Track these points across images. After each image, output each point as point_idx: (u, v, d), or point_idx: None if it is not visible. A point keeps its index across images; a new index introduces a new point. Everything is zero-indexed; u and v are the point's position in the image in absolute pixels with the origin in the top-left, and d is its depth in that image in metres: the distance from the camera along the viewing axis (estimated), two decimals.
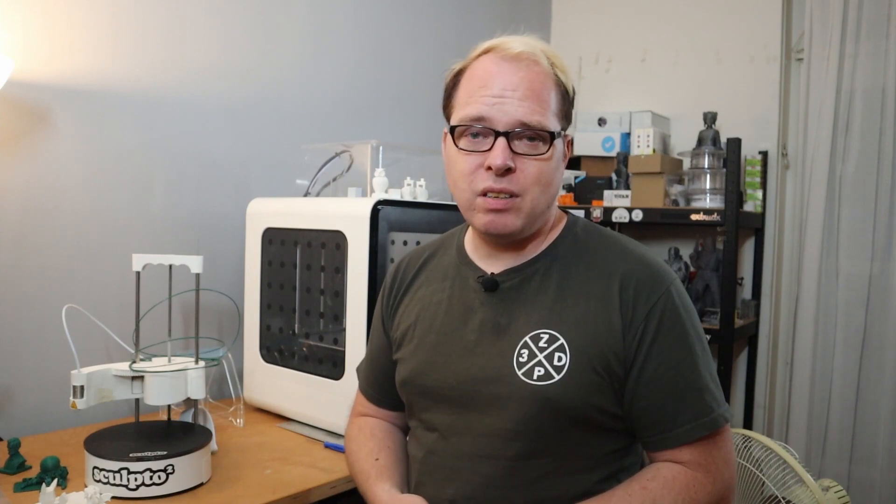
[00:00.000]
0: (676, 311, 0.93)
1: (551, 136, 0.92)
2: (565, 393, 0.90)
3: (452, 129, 0.95)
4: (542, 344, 0.93)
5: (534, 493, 0.92)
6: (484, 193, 0.92)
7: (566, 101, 0.98)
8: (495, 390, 0.94)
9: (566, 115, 0.98)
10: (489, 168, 0.91)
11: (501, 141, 0.91)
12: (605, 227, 1.07)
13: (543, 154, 0.92)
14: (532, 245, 1.00)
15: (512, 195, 0.92)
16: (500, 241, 0.99)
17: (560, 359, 0.91)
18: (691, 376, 0.92)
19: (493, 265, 1.01)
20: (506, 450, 0.93)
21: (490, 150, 0.91)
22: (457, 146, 0.95)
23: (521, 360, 0.93)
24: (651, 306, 0.92)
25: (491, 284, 0.99)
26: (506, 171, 0.91)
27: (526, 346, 0.93)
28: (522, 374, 0.92)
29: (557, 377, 0.91)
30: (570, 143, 1.04)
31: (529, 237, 1.00)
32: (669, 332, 0.92)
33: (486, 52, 0.96)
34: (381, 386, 1.15)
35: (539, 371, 0.91)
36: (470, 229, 1.07)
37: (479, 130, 0.92)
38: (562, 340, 0.92)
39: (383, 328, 1.14)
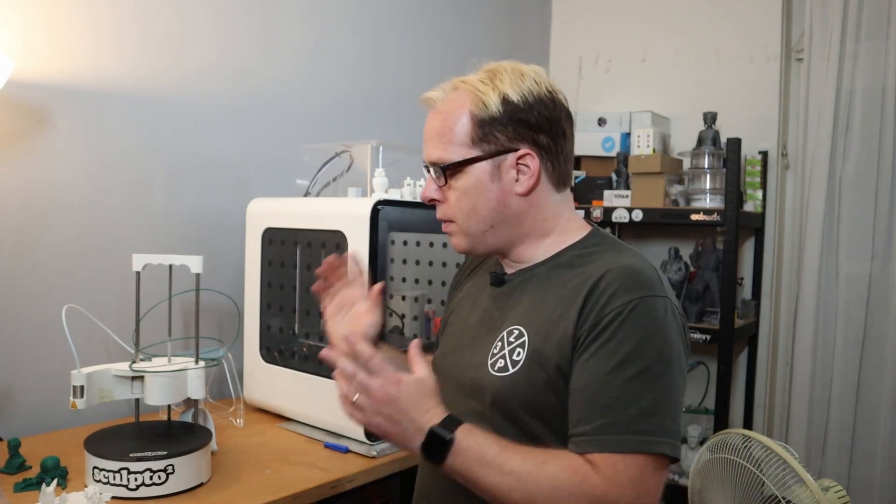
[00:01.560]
0: (628, 324, 0.90)
1: (443, 171, 1.00)
2: (513, 386, 0.96)
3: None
4: (511, 339, 1.00)
5: None
6: None
7: (484, 124, 0.98)
8: (473, 376, 1.02)
9: (486, 137, 0.99)
10: None
11: (429, 177, 1.04)
12: (623, 243, 1.06)
13: (444, 185, 1.02)
14: (537, 252, 1.05)
15: (448, 221, 1.04)
16: (472, 256, 1.12)
17: (518, 354, 0.97)
18: (606, 392, 0.89)
19: (511, 268, 1.09)
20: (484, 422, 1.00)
21: None
22: None
23: (494, 351, 1.00)
24: (604, 314, 0.91)
25: (496, 279, 1.08)
26: (434, 201, 1.04)
27: (502, 339, 1.01)
28: (490, 363, 1.00)
29: (511, 371, 0.97)
30: (527, 156, 1.00)
31: (526, 248, 1.05)
32: (607, 342, 0.90)
33: None
34: None
35: (500, 363, 0.99)
36: None
37: None
38: (525, 337, 0.98)
39: (448, 305, 1.24)
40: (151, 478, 1.16)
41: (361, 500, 1.38)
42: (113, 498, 1.13)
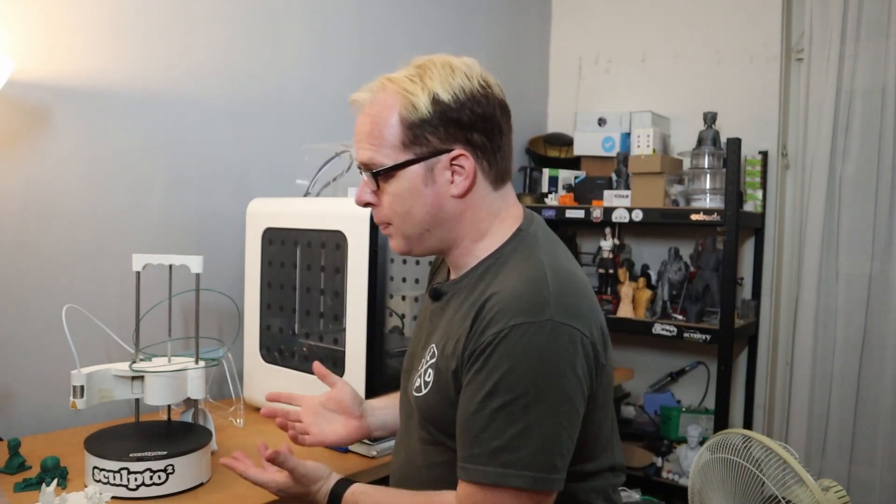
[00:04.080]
0: (496, 355, 0.87)
1: (374, 175, 0.97)
2: (425, 407, 1.00)
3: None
4: (428, 357, 1.02)
5: (433, 473, 1.02)
6: None
7: (415, 126, 0.94)
8: (408, 397, 1.07)
9: (418, 139, 0.95)
10: None
11: (362, 180, 1.01)
12: (543, 247, 0.99)
13: (377, 189, 0.99)
14: (465, 259, 1.03)
15: (387, 224, 1.02)
16: (411, 257, 1.12)
17: (429, 374, 0.99)
18: (474, 422, 0.88)
19: (454, 274, 1.08)
20: (420, 435, 1.05)
21: None
22: None
23: (420, 370, 1.03)
24: (480, 343, 0.89)
25: (434, 294, 1.07)
26: (368, 205, 1.02)
27: (424, 357, 1.03)
28: (415, 384, 1.03)
29: (424, 392, 1.00)
30: (461, 157, 0.96)
31: (462, 253, 1.02)
32: (478, 372, 0.88)
33: None
34: None
35: (416, 382, 1.03)
36: None
37: None
38: (435, 358, 0.99)
39: None
40: (151, 478, 1.16)
41: None
42: (113, 498, 1.13)
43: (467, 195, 0.97)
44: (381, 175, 0.97)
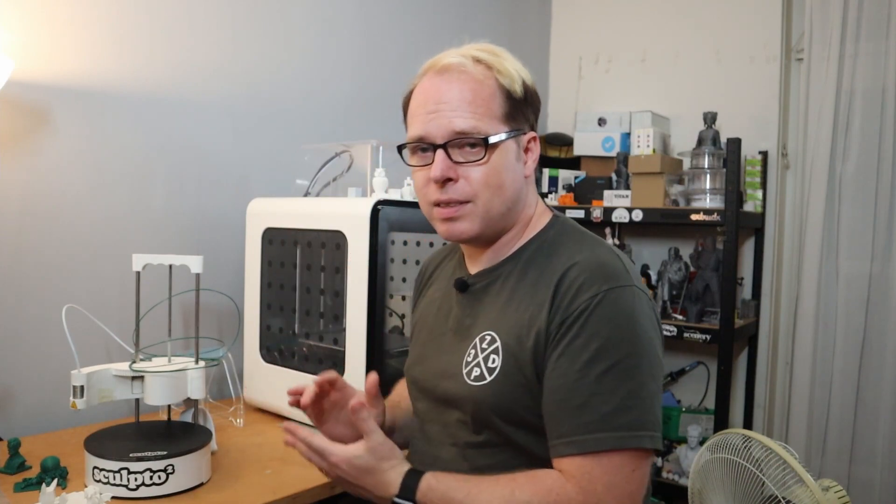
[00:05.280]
0: (594, 319, 0.88)
1: (485, 142, 0.94)
2: (494, 395, 0.94)
3: (400, 149, 1.01)
4: (484, 345, 0.97)
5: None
6: (437, 204, 0.97)
7: (511, 102, 0.97)
8: (449, 386, 1.00)
9: (514, 115, 0.97)
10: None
11: (440, 153, 0.94)
12: (586, 231, 1.03)
13: (481, 160, 0.94)
14: (506, 247, 1.03)
15: (461, 202, 0.95)
16: (471, 244, 1.04)
17: (494, 361, 0.95)
18: (579, 391, 0.87)
19: (474, 266, 1.06)
20: (460, 438, 0.99)
21: (433, 162, 0.95)
22: (407, 163, 1.01)
23: (468, 359, 0.98)
24: (572, 310, 0.90)
25: (461, 286, 1.04)
26: (447, 181, 0.95)
27: (475, 346, 0.98)
28: (466, 373, 0.97)
29: (489, 378, 0.95)
30: (535, 140, 1.02)
31: (505, 241, 1.02)
32: (574, 339, 0.89)
33: (425, 72, 0.99)
34: None
35: (476, 372, 0.96)
36: None
37: (423, 147, 0.97)
38: (498, 343, 0.96)
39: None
40: (151, 478, 1.16)
41: (361, 500, 1.37)
42: (113, 498, 1.13)
43: (529, 177, 1.01)
44: (490, 145, 0.94)
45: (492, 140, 0.94)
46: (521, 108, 0.98)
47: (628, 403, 0.87)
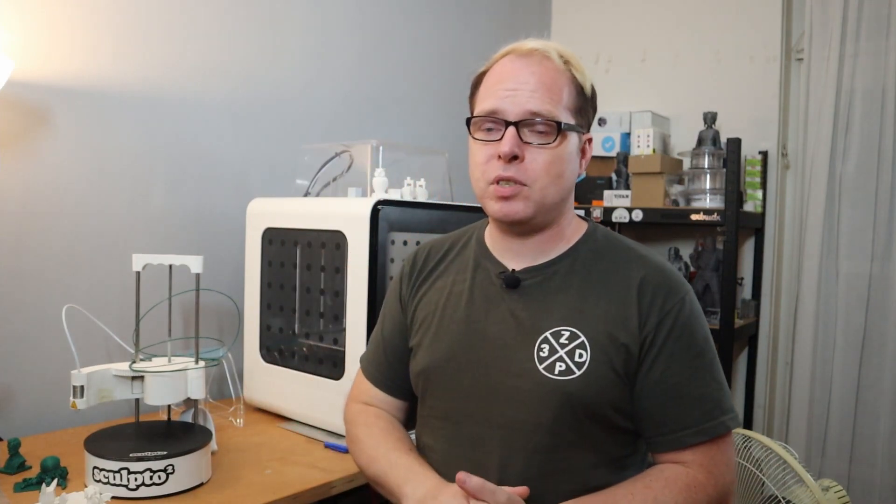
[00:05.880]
0: (688, 320, 0.98)
1: (559, 127, 0.96)
2: (586, 388, 0.94)
3: (468, 122, 1.02)
4: (563, 340, 0.97)
5: (544, 485, 0.95)
6: (496, 182, 0.97)
7: (582, 98, 1.01)
8: (516, 383, 0.97)
9: (581, 112, 1.01)
10: (500, 157, 0.96)
11: (511, 130, 0.95)
12: (623, 236, 1.11)
13: (551, 143, 0.96)
14: (553, 246, 1.04)
15: (521, 183, 0.96)
16: (516, 229, 1.02)
17: (581, 355, 0.95)
18: (695, 383, 0.96)
19: (512, 261, 1.05)
20: (523, 442, 0.96)
21: (501, 139, 0.96)
22: (473, 137, 1.01)
23: (541, 354, 0.97)
24: (665, 313, 0.97)
25: (512, 281, 1.02)
26: (513, 159, 0.95)
27: (546, 341, 0.97)
28: (544, 368, 0.96)
29: (579, 372, 0.95)
30: (590, 142, 1.06)
31: (548, 237, 1.04)
32: (679, 339, 0.96)
33: (505, 54, 1.02)
34: (394, 372, 1.14)
35: (560, 366, 0.95)
36: (490, 224, 1.10)
37: (493, 122, 0.98)
38: (583, 338, 0.96)
39: (402, 312, 1.14)
40: (151, 478, 1.16)
41: (361, 501, 1.37)
42: (113, 498, 1.13)
43: (579, 177, 1.05)
44: (561, 131, 0.96)
45: (563, 126, 0.97)
46: (587, 107, 1.03)
47: (725, 389, 0.99)
